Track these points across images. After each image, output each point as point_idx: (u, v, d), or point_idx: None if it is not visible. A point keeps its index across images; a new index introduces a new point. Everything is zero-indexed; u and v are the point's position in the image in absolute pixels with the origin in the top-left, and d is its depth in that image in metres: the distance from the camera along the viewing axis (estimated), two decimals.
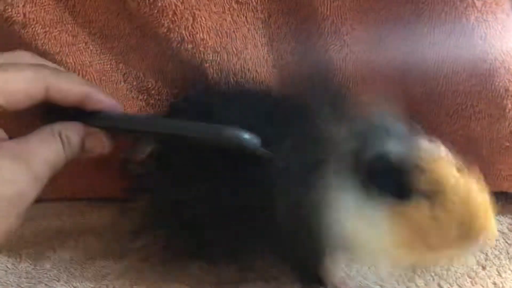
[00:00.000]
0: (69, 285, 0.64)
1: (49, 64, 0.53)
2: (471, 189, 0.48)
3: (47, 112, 0.50)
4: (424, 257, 0.51)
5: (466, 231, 0.48)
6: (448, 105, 0.66)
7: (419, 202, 0.47)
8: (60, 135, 0.48)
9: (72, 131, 0.49)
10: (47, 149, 0.46)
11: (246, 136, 0.50)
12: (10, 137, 0.48)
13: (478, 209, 0.48)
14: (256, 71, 0.68)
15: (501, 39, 0.59)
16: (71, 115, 0.50)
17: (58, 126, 0.48)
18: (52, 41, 0.66)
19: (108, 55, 0.69)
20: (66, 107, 0.50)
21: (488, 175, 0.70)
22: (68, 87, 0.48)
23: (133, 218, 0.66)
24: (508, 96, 0.61)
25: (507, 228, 0.71)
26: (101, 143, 0.52)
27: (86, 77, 0.68)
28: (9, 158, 0.43)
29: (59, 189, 0.78)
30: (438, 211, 0.47)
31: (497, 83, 0.61)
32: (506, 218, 0.72)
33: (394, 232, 0.48)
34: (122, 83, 0.70)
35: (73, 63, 0.67)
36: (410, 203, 0.47)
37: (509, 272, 0.64)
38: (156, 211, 0.63)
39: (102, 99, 0.51)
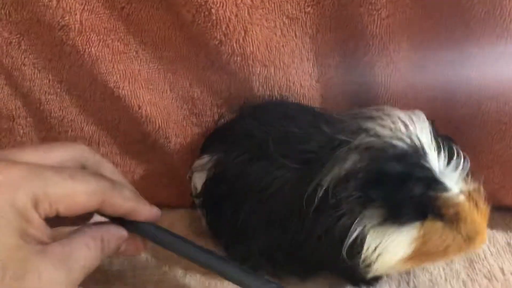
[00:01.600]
0: None
1: (108, 168, 0.55)
2: (478, 209, 0.56)
3: None
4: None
5: (469, 245, 0.56)
6: (491, 125, 0.66)
7: (434, 223, 0.55)
8: (102, 240, 0.49)
9: (114, 237, 0.51)
10: (88, 255, 0.47)
11: None
12: None
13: (482, 226, 0.56)
14: (301, 84, 0.69)
15: None
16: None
17: (101, 231, 0.49)
18: (105, 48, 0.67)
19: (157, 64, 0.70)
20: None
21: None
22: (120, 203, 0.50)
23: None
24: None
25: None
26: (137, 248, 0.55)
27: (135, 85, 0.69)
28: (51, 264, 0.43)
29: None
30: (449, 230, 0.55)
31: None
32: None
33: (409, 248, 0.55)
34: (168, 92, 0.72)
35: (123, 71, 0.69)
36: (425, 224, 0.55)
37: None
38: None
39: (147, 214, 0.53)
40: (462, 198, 0.55)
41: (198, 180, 0.68)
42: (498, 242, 0.73)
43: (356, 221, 0.54)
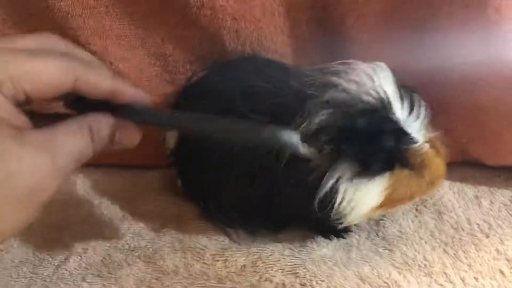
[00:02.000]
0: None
1: (80, 52, 0.50)
2: (439, 155, 0.60)
3: (75, 100, 0.48)
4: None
5: (431, 187, 0.61)
6: (457, 76, 0.67)
7: (402, 172, 0.58)
8: (90, 129, 0.45)
9: (103, 124, 0.47)
10: (74, 143, 0.44)
11: (286, 136, 0.46)
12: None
13: (442, 170, 0.60)
14: (272, 39, 0.70)
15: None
16: (100, 105, 0.48)
17: (88, 119, 0.46)
18: (75, 3, 0.67)
19: (128, 19, 0.70)
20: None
21: (495, 149, 0.73)
22: (96, 81, 0.46)
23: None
24: None
25: (509, 200, 0.73)
26: (132, 136, 0.50)
27: (107, 41, 0.69)
28: (32, 148, 0.40)
29: None
30: (415, 177, 0.58)
31: (508, 57, 0.62)
32: (509, 190, 0.75)
33: (380, 198, 0.58)
34: (140, 49, 0.72)
35: (94, 26, 0.69)
36: (394, 174, 0.57)
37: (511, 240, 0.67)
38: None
39: (130, 93, 0.49)
40: (426, 146, 0.58)
41: (171, 139, 0.69)
42: (467, 195, 0.75)
43: (328, 174, 0.56)
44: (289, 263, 0.64)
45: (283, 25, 0.70)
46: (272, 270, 0.63)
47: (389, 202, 0.59)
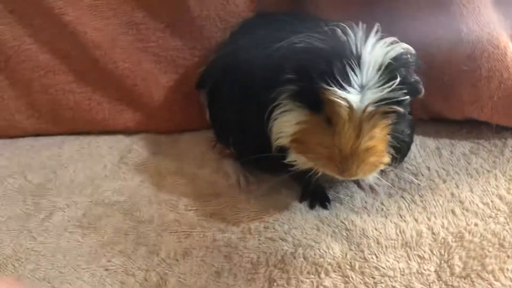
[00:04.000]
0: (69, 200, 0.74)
1: None
2: (359, 134, 0.55)
3: None
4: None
5: (340, 165, 0.56)
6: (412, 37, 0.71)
7: (319, 119, 0.57)
8: None
9: None
10: None
11: None
12: None
13: (345, 144, 0.55)
14: (235, 3, 0.75)
15: None
16: None
17: None
18: None
19: None
20: None
21: (451, 102, 0.77)
22: None
23: None
24: (462, 20, 0.67)
25: (469, 150, 0.77)
26: None
27: (80, 11, 0.74)
28: None
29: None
30: (328, 135, 0.56)
31: (452, 9, 0.66)
32: (469, 142, 0.79)
33: (293, 129, 0.59)
34: (112, 18, 0.77)
35: None
36: (312, 115, 0.58)
37: (466, 185, 0.71)
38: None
39: None
40: (344, 110, 0.54)
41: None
42: (428, 147, 0.79)
43: (279, 108, 0.60)
44: (254, 210, 0.69)
45: None
46: (238, 215, 0.68)
47: (300, 138, 0.59)
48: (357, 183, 0.72)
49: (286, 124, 0.59)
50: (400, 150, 0.61)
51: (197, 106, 0.80)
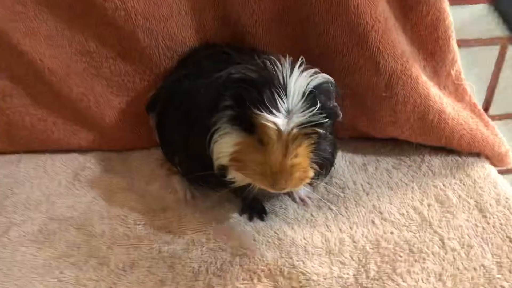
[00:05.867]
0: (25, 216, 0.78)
1: None
2: (285, 155, 0.62)
3: None
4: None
5: (273, 181, 0.63)
6: (338, 63, 0.80)
7: (253, 141, 0.64)
8: None
9: None
10: None
11: None
12: None
13: (274, 165, 0.62)
14: (182, 35, 0.82)
15: (371, 7, 0.73)
16: None
17: None
18: (6, 10, 0.78)
19: (54, 22, 0.81)
20: None
21: (375, 123, 0.87)
22: None
23: None
24: (379, 54, 0.76)
25: (392, 166, 0.87)
26: None
27: (36, 42, 0.80)
28: None
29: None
30: (261, 154, 0.63)
31: (370, 44, 0.76)
32: (392, 158, 0.89)
33: (231, 149, 0.65)
34: (67, 47, 0.83)
35: (24, 29, 0.80)
36: (247, 137, 0.64)
37: (386, 197, 0.81)
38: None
39: None
40: (273, 132, 0.61)
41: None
42: (356, 163, 0.88)
43: (219, 131, 0.67)
44: (198, 223, 0.76)
45: (191, 22, 0.82)
46: (184, 228, 0.75)
47: (237, 157, 0.65)
48: (291, 196, 0.81)
49: (225, 145, 0.66)
50: (323, 166, 0.69)
51: (147, 126, 0.87)
